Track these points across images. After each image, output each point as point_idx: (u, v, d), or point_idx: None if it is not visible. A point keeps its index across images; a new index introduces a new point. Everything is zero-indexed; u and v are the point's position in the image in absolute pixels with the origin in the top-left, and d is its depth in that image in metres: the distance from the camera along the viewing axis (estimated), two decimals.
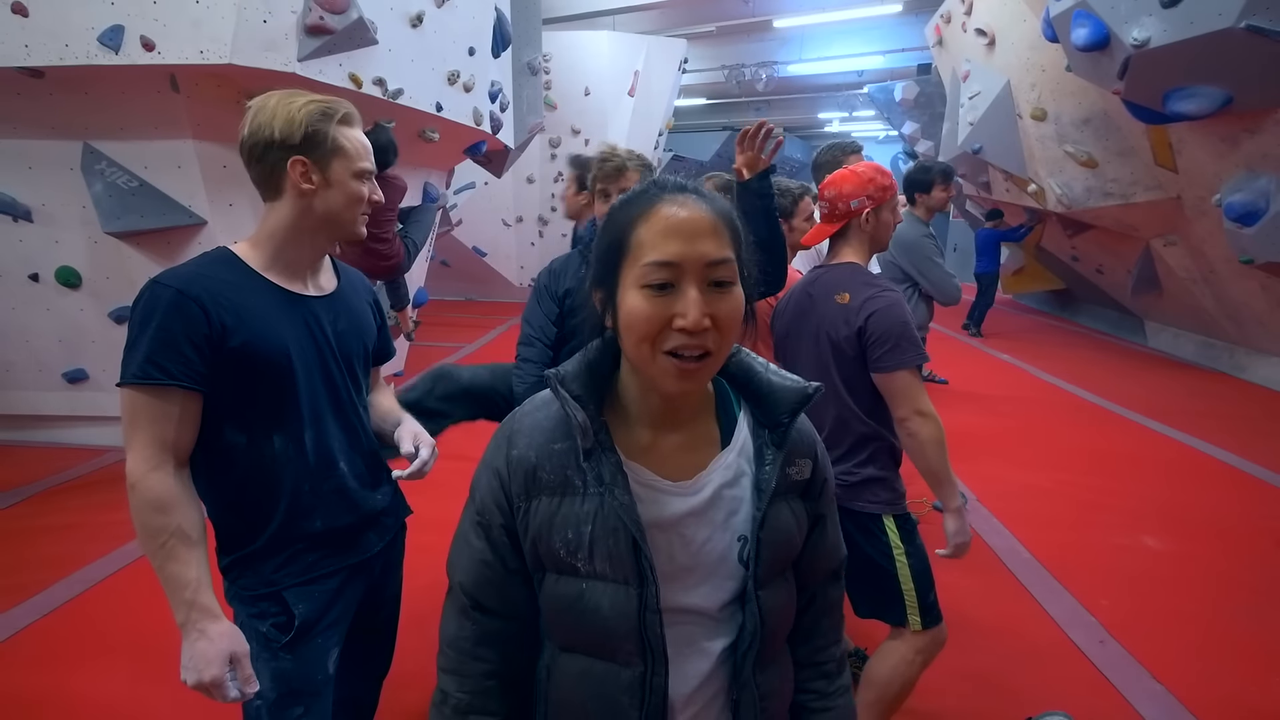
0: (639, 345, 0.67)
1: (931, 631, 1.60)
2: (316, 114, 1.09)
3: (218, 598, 1.04)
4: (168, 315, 0.99)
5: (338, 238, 1.18)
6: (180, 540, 1.00)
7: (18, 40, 3.08)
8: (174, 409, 1.01)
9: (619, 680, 0.71)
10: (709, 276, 0.66)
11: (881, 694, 1.61)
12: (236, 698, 1.01)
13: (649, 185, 0.72)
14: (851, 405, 1.61)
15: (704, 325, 0.64)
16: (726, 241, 0.67)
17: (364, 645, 1.30)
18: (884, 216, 1.66)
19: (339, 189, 1.11)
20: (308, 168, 1.09)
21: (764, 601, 0.73)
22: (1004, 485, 3.63)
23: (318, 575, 1.15)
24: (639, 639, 0.70)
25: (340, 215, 1.13)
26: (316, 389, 1.14)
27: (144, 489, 0.99)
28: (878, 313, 1.55)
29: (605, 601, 0.70)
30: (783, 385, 0.77)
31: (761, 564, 0.73)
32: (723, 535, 0.73)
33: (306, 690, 1.13)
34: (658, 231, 0.66)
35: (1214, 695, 2.09)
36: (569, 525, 0.71)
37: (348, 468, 1.18)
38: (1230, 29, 3.74)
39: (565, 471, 0.72)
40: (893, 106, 11.13)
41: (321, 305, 1.17)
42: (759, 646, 0.73)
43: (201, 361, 1.01)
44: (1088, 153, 5.98)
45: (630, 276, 0.67)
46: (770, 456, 0.75)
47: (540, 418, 0.76)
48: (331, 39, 3.41)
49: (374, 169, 1.17)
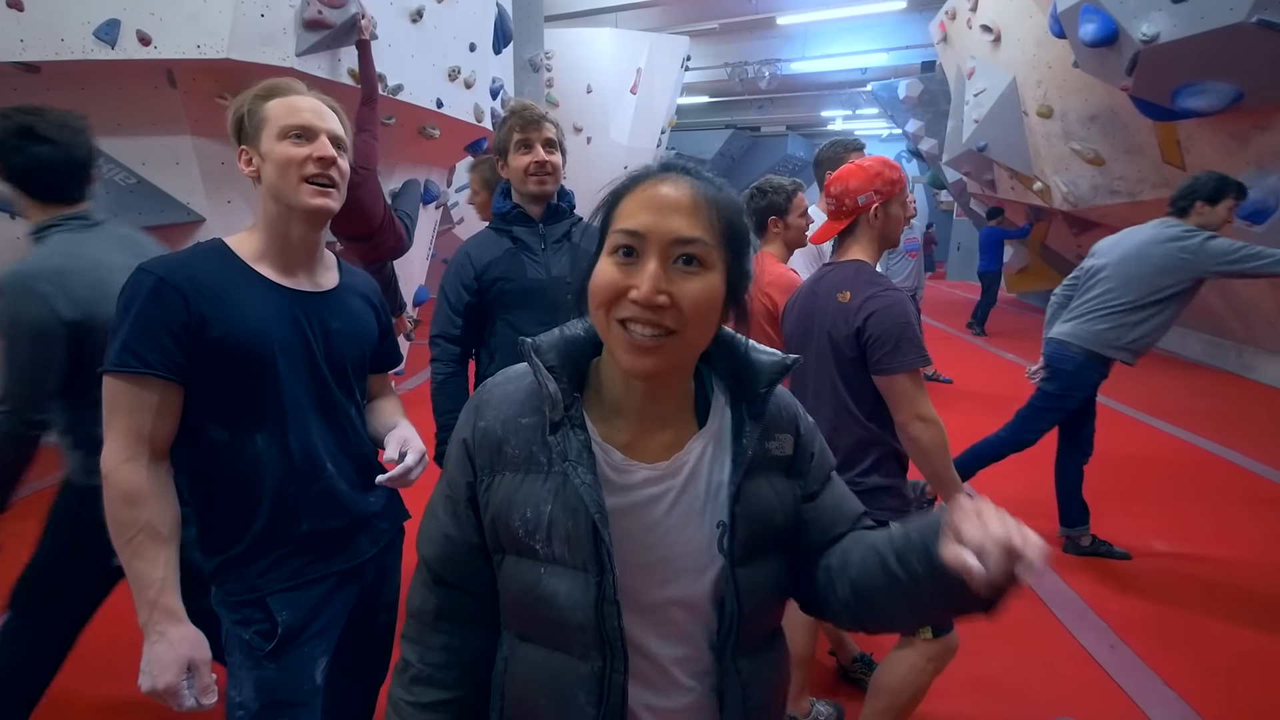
0: (596, 311, 0.66)
1: (943, 639, 1.56)
2: (243, 101, 1.08)
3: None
4: (147, 303, 0.97)
5: (300, 215, 1.08)
6: (149, 536, 0.96)
7: (13, 35, 3.05)
8: (152, 398, 0.98)
9: (576, 675, 0.68)
10: (675, 253, 0.64)
11: (891, 702, 1.57)
12: (192, 707, 0.97)
13: (654, 163, 0.70)
14: (851, 407, 1.56)
15: (657, 301, 0.62)
16: (702, 223, 0.64)
17: (359, 652, 1.27)
18: (893, 211, 1.61)
19: (269, 159, 1.05)
20: (247, 153, 1.08)
21: (741, 580, 0.69)
22: (1009, 486, 3.59)
23: (304, 581, 1.11)
24: (596, 631, 0.67)
25: (278, 184, 1.05)
26: (302, 387, 1.10)
27: (116, 480, 0.96)
28: (877, 313, 1.50)
29: (562, 588, 0.67)
30: (760, 359, 0.74)
31: (737, 541, 0.69)
32: (701, 521, 0.70)
33: (291, 701, 1.09)
34: (635, 202, 0.66)
35: (1225, 700, 2.05)
36: (529, 504, 0.69)
37: (336, 470, 1.14)
38: (1241, 24, 3.70)
39: (531, 447, 0.70)
40: (896, 104, 11.08)
41: (315, 302, 1.12)
42: (738, 629, 0.70)
43: (180, 351, 0.98)
44: (1094, 150, 5.93)
45: (607, 245, 0.67)
46: (748, 429, 0.72)
47: (511, 390, 0.74)
48: (330, 34, 3.38)
49: (307, 124, 1.06)
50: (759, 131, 19.07)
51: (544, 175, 1.74)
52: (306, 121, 1.06)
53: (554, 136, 1.75)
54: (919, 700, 1.59)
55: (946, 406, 5.26)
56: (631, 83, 9.50)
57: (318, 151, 1.06)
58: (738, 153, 19.43)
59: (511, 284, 1.74)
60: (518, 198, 1.80)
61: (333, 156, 1.07)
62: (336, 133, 1.10)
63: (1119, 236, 2.91)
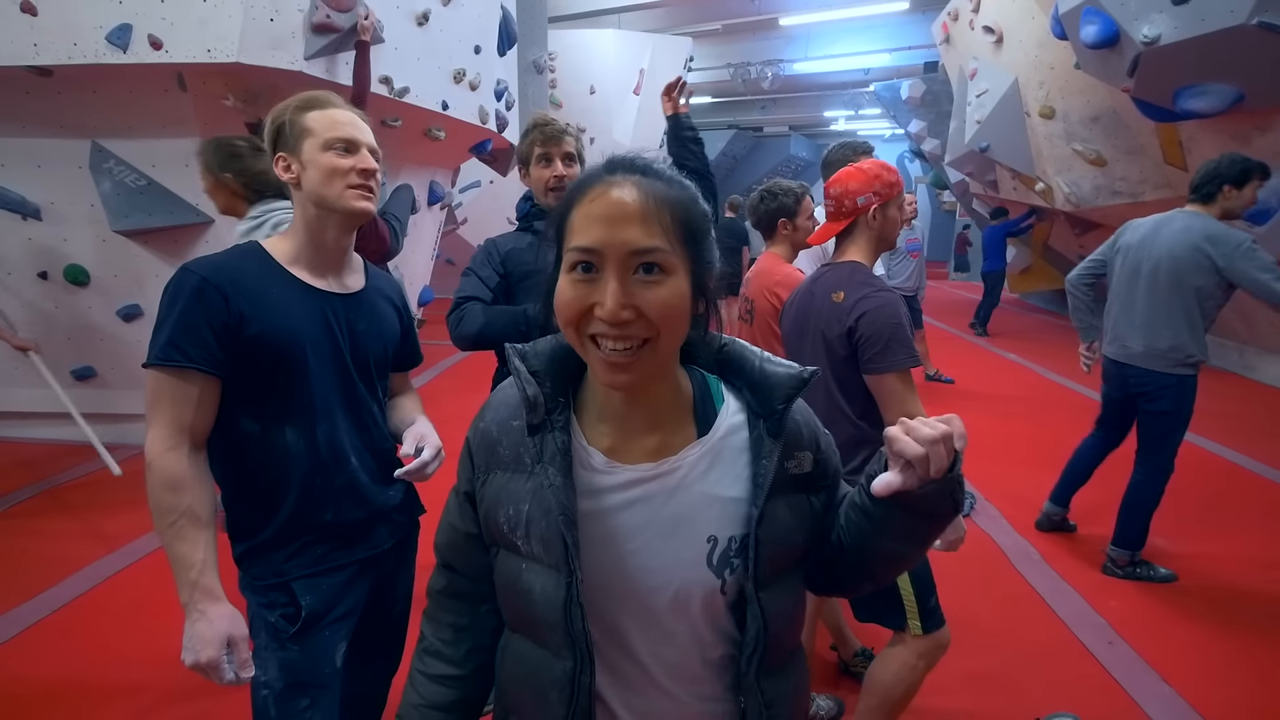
0: (566, 329, 0.66)
1: (933, 635, 1.58)
2: (282, 110, 1.13)
3: (235, 590, 1.05)
4: (190, 301, 1.03)
5: (338, 219, 1.15)
6: (189, 520, 1.02)
7: (27, 39, 3.09)
8: (193, 391, 1.04)
9: (551, 672, 0.70)
10: (634, 264, 0.62)
11: (884, 699, 1.59)
12: (232, 680, 1.02)
13: (605, 162, 0.69)
14: (843, 406, 1.59)
15: (621, 317, 0.61)
16: (657, 229, 0.63)
17: (374, 643, 1.30)
18: (891, 213, 1.64)
19: (313, 167, 1.12)
20: (286, 160, 1.13)
21: (765, 604, 0.70)
22: (1011, 485, 3.61)
23: (327, 568, 1.16)
24: (565, 630, 0.68)
25: (321, 192, 1.13)
26: (330, 383, 1.15)
27: (159, 468, 1.02)
28: (869, 313, 1.52)
29: (538, 585, 0.70)
30: (776, 372, 0.73)
31: (761, 564, 0.69)
32: (690, 531, 0.69)
33: (313, 682, 1.14)
34: (585, 215, 0.64)
35: (1222, 697, 2.07)
36: (512, 502, 0.72)
37: (359, 464, 1.19)
38: (1242, 25, 3.71)
39: (519, 449, 0.73)
40: (899, 105, 11.08)
41: (343, 303, 1.18)
42: (763, 651, 0.70)
43: (220, 347, 1.04)
44: (1096, 151, 5.94)
45: (565, 261, 0.66)
46: (768, 448, 0.70)
47: (509, 394, 0.76)
48: (338, 37, 3.42)
49: (350, 137, 1.14)
50: (762, 132, 19.09)
51: (562, 190, 1.81)
52: (349, 135, 1.14)
53: (574, 150, 1.81)
54: (912, 696, 1.61)
55: (948, 406, 5.25)
56: (634, 84, 9.54)
57: (361, 164, 1.14)
58: (740, 153, 19.44)
59: (537, 274, 1.78)
60: (539, 203, 1.87)
61: (374, 168, 1.16)
62: (373, 145, 1.18)
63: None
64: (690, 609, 0.70)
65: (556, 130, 1.77)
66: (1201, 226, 2.60)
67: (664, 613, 0.70)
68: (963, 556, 1.80)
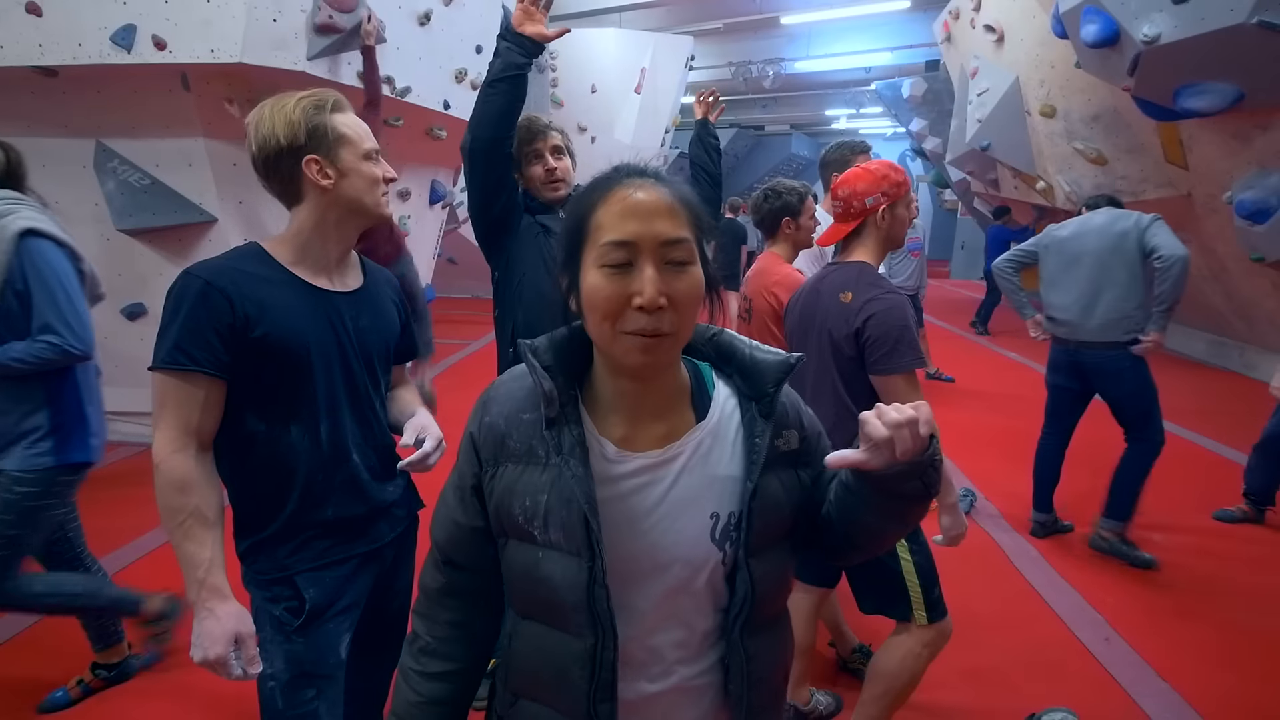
0: (600, 325, 0.69)
1: (937, 625, 1.61)
2: (311, 109, 1.12)
3: (238, 583, 1.07)
4: (195, 305, 1.04)
5: (365, 223, 1.21)
6: (197, 520, 1.04)
7: (31, 40, 3.12)
8: (199, 393, 1.05)
9: (571, 650, 0.73)
10: (665, 256, 0.68)
11: (889, 687, 1.62)
12: (240, 676, 1.04)
13: (611, 170, 0.74)
14: (849, 405, 1.60)
15: (660, 303, 0.66)
16: (683, 222, 0.70)
17: (375, 635, 1.32)
18: (899, 213, 1.66)
19: (355, 175, 1.15)
20: (321, 164, 1.12)
21: (754, 569, 0.74)
22: (1011, 482, 3.62)
23: (329, 562, 1.18)
24: (588, 611, 0.71)
25: (363, 199, 1.16)
26: (334, 382, 1.17)
27: (167, 469, 1.03)
28: (877, 314, 1.54)
29: (558, 571, 0.72)
30: (765, 359, 0.78)
31: (752, 533, 0.74)
32: (696, 510, 0.74)
33: (318, 673, 1.16)
34: (615, 213, 0.69)
35: (1219, 693, 2.09)
36: (527, 493, 0.74)
37: (360, 460, 1.21)
38: (1242, 25, 3.71)
39: (530, 441, 0.75)
40: (900, 103, 11.07)
41: (345, 301, 1.20)
42: (749, 611, 0.75)
43: (225, 349, 1.05)
44: (1097, 150, 5.94)
45: (590, 258, 0.70)
46: (760, 428, 0.76)
47: (514, 387, 0.79)
48: (340, 38, 3.44)
49: (377, 146, 1.19)
50: (763, 130, 19.06)
51: (555, 181, 1.85)
52: (375, 144, 1.19)
53: (560, 143, 1.86)
54: (915, 684, 1.63)
55: (948, 405, 5.29)
56: (636, 82, 9.53)
57: (388, 173, 1.20)
58: (742, 151, 19.42)
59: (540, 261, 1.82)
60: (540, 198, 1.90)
61: (394, 176, 1.22)
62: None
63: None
64: (695, 582, 0.74)
65: (540, 126, 1.84)
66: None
67: (672, 588, 0.74)
68: (961, 553, 1.82)
